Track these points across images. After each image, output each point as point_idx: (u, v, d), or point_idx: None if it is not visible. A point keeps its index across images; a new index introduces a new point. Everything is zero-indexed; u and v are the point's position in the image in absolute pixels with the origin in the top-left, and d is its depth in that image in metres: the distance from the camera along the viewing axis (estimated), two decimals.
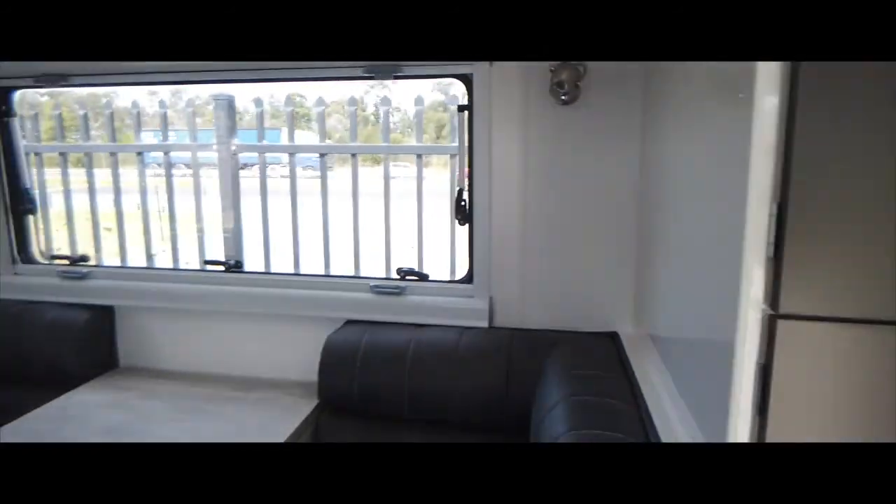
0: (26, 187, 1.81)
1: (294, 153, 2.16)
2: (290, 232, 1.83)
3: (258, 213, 1.96)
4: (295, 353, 1.67)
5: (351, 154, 1.83)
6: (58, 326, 1.65)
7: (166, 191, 1.94)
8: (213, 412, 1.48)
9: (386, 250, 1.77)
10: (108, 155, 1.92)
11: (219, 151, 2.03)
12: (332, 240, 1.83)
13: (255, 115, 1.96)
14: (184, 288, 1.71)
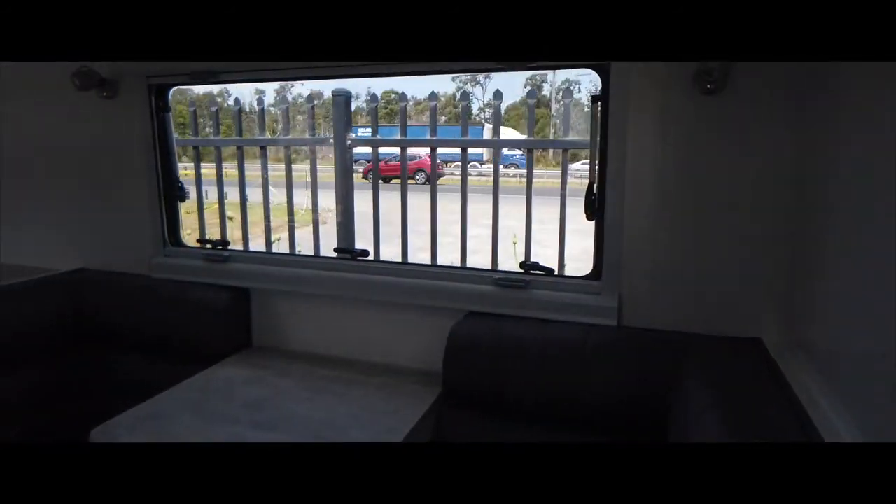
0: (177, 176, 1.97)
1: (405, 147, 2.21)
2: (400, 223, 1.88)
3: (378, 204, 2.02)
4: (416, 341, 1.71)
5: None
6: (202, 306, 1.79)
7: (285, 183, 2.06)
8: (340, 394, 1.54)
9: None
10: (236, 148, 2.07)
11: (335, 145, 2.12)
12: (444, 233, 1.86)
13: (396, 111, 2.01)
14: (313, 274, 1.79)
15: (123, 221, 1.99)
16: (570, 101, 1.84)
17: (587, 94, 1.95)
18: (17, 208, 2.20)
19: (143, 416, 1.41)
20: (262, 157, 2.31)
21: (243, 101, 2.33)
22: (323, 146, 2.23)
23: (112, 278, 1.96)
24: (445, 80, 30.94)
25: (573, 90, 22.94)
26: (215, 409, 1.45)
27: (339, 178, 2.16)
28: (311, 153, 2.35)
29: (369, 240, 1.93)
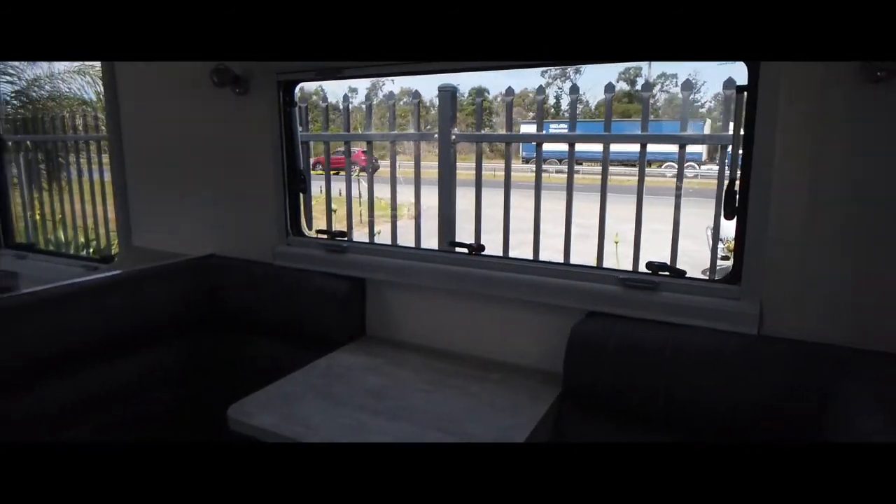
0: (300, 169, 2.05)
1: (510, 142, 2.18)
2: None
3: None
4: (533, 339, 1.67)
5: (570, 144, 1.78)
6: (321, 294, 1.85)
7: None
8: (458, 388, 1.54)
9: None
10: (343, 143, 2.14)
11: (440, 141, 2.13)
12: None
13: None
14: (429, 267, 1.80)
15: (250, 211, 2.10)
16: (688, 93, 1.73)
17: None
18: (151, 196, 2.39)
19: (273, 396, 1.48)
20: (368, 151, 2.38)
21: (331, 99, 2.42)
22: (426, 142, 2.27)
23: (239, 264, 2.08)
24: (531, 74, 30.46)
25: (669, 83, 21.88)
26: (339, 394, 1.49)
27: (443, 174, 2.17)
28: (416, 148, 2.38)
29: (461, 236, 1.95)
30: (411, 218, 2.34)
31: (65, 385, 1.64)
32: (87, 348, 1.67)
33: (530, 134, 1.98)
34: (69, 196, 3.05)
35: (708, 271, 3.55)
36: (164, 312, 1.88)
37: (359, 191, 3.39)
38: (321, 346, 1.84)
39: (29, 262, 2.91)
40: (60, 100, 6.26)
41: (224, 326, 2.04)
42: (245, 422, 1.35)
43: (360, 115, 2.38)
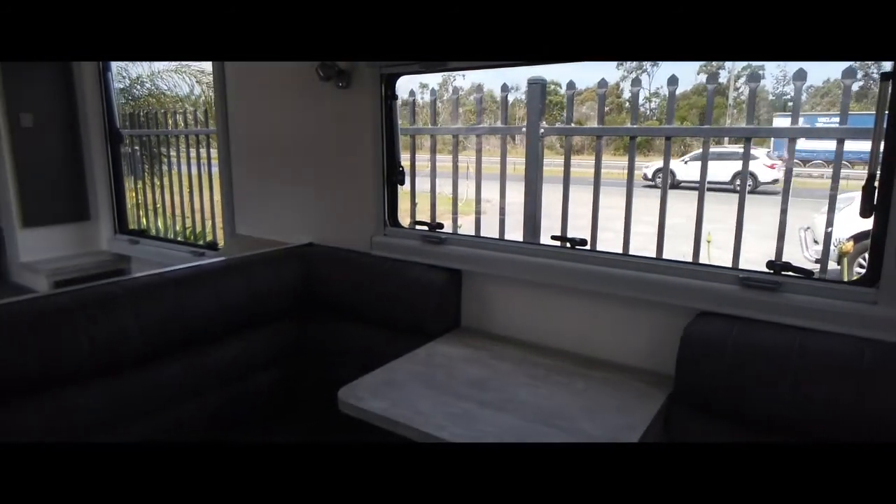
0: (399, 161, 2.08)
1: (602, 136, 2.12)
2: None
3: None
4: (638, 338, 1.62)
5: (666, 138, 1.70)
6: (420, 284, 1.88)
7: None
8: (563, 384, 1.52)
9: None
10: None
11: (527, 134, 2.10)
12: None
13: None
14: (527, 260, 1.78)
15: (349, 201, 2.16)
16: (801, 83, 1.60)
17: (773, 78, 1.72)
18: (254, 187, 2.51)
19: (379, 381, 1.51)
20: (453, 146, 2.38)
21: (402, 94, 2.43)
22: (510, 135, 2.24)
23: (337, 253, 2.14)
24: (608, 67, 29.67)
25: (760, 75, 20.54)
26: (442, 383, 1.50)
27: (530, 168, 2.15)
28: (503, 142, 2.36)
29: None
30: (484, 213, 2.33)
31: (182, 361, 1.74)
32: (205, 326, 1.77)
33: (620, 128, 1.91)
34: (169, 186, 3.24)
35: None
36: (269, 296, 1.96)
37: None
38: (417, 336, 1.87)
39: (141, 247, 3.12)
40: (158, 96, 6.68)
41: (322, 311, 2.11)
42: (355, 405, 1.38)
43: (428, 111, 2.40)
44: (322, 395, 2.06)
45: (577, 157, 2.23)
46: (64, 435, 1.45)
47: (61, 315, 1.46)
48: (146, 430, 1.63)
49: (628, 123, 1.99)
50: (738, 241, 1.66)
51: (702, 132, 1.82)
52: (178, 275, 1.77)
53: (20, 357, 1.36)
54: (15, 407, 1.38)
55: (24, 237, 3.08)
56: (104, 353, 1.52)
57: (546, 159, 2.13)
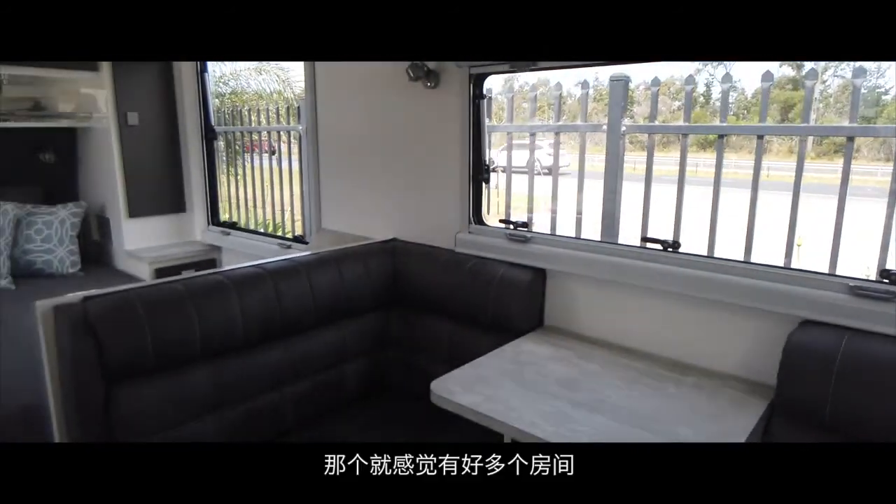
0: (485, 160, 2.11)
1: (688, 134, 2.05)
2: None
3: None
4: (731, 344, 1.58)
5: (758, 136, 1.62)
6: (504, 282, 1.90)
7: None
8: (654, 387, 1.50)
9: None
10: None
11: (608, 131, 2.06)
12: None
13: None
14: (616, 261, 1.77)
15: (434, 198, 2.21)
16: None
17: (849, 69, 1.58)
18: (340, 183, 2.60)
19: (469, 376, 1.55)
20: (531, 143, 2.37)
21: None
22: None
23: (421, 249, 2.19)
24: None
25: (843, 68, 19.12)
26: (532, 380, 1.52)
27: (610, 166, 2.11)
28: (581, 139, 2.33)
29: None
30: (548, 211, 2.31)
31: (280, 348, 1.85)
32: (300, 316, 1.86)
33: (709, 126, 1.87)
34: (252, 181, 3.39)
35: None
36: (358, 289, 2.04)
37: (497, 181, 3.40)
38: (501, 333, 1.89)
39: (231, 238, 3.30)
40: (241, 94, 7.00)
41: (408, 305, 2.17)
42: (448, 398, 1.42)
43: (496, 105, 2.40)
44: (408, 385, 2.13)
45: (638, 154, 2.18)
46: (172, 415, 1.57)
47: (176, 302, 1.58)
48: (244, 414, 1.73)
49: (707, 120, 1.92)
50: (836, 246, 1.58)
51: (801, 130, 1.74)
52: (276, 267, 1.87)
53: (139, 339, 1.48)
54: (132, 386, 1.51)
55: (129, 227, 3.33)
56: (212, 339, 1.63)
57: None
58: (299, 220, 3.08)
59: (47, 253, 3.18)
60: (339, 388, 2.02)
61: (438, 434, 1.81)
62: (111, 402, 1.47)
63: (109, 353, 1.45)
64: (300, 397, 1.90)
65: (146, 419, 1.52)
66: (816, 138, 1.87)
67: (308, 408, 1.92)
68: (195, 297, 1.62)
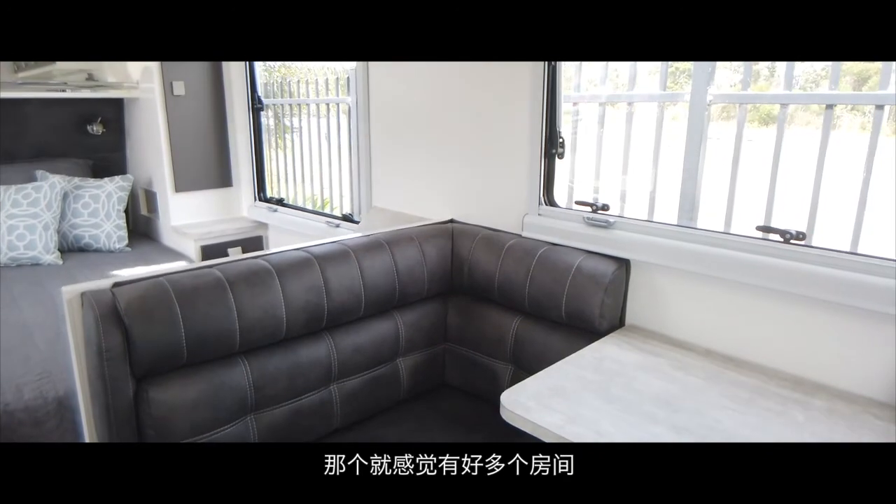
0: (560, 132, 1.84)
1: (786, 104, 1.71)
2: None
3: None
4: (872, 360, 1.28)
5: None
6: (582, 273, 1.64)
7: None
8: (776, 412, 1.23)
9: None
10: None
11: (691, 101, 1.75)
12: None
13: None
14: (722, 253, 1.48)
15: (498, 177, 1.96)
16: None
17: None
18: (393, 159, 2.38)
19: (546, 388, 1.31)
20: (601, 114, 2.07)
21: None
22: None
23: (483, 232, 1.95)
24: None
25: None
26: (622, 396, 1.27)
27: (691, 141, 1.81)
28: (660, 111, 2.03)
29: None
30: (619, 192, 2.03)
31: (327, 341, 1.66)
32: (349, 306, 1.67)
33: (815, 94, 1.54)
34: (300, 155, 3.20)
35: None
36: (413, 276, 1.83)
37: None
38: (577, 332, 1.65)
39: (278, 214, 3.15)
40: (289, 66, 6.87)
41: (468, 294, 1.95)
42: (523, 416, 1.19)
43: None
44: (468, 383, 1.92)
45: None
46: (208, 416, 1.41)
47: (213, 290, 1.41)
48: (287, 414, 1.57)
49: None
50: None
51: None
52: (323, 250, 1.68)
53: (172, 332, 1.32)
54: (164, 385, 1.35)
55: (175, 202, 3.22)
56: (253, 332, 1.46)
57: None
58: (347, 197, 2.89)
59: (95, 227, 3.10)
60: (391, 386, 1.83)
61: (503, 440, 1.60)
62: (141, 403, 1.32)
63: (139, 347, 1.28)
64: (349, 395, 1.72)
65: (179, 421, 1.36)
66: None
67: (357, 407, 1.74)
68: (234, 285, 1.44)
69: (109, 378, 1.28)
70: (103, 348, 1.27)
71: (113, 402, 1.29)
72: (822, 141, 1.52)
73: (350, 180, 2.81)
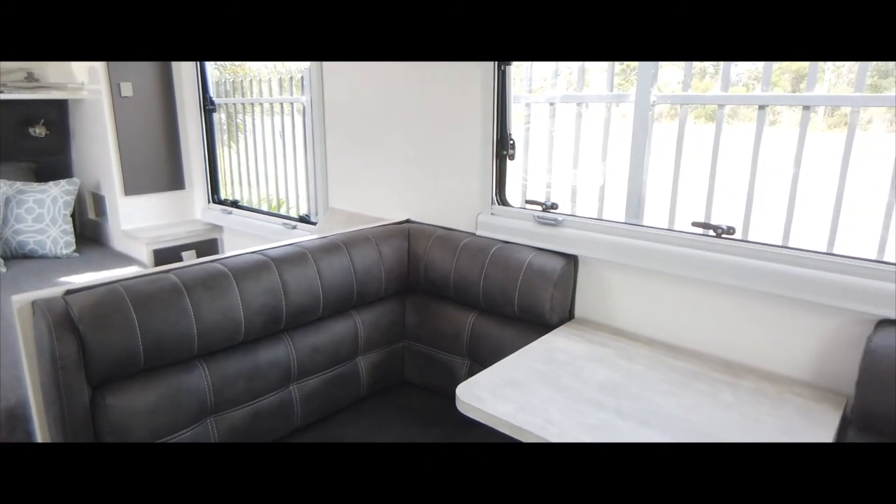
0: (511, 134, 1.91)
1: (724, 105, 1.84)
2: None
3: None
4: (794, 344, 1.40)
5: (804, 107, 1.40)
6: (533, 269, 1.71)
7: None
8: (708, 393, 1.33)
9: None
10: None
11: (636, 102, 1.86)
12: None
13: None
14: (660, 248, 1.58)
15: (452, 177, 2.02)
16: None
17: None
18: (349, 159, 2.40)
19: (499, 380, 1.38)
20: (550, 115, 2.16)
21: None
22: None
23: (438, 231, 2.01)
24: None
25: None
26: (570, 386, 1.35)
27: (637, 141, 1.91)
28: (606, 111, 2.13)
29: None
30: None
31: (286, 342, 1.68)
32: (307, 307, 1.69)
33: (750, 95, 1.66)
34: (254, 156, 3.18)
35: None
36: (371, 276, 1.86)
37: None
38: (529, 326, 1.73)
39: (233, 217, 3.12)
40: (241, 66, 6.74)
41: (425, 293, 2.00)
42: (477, 406, 1.25)
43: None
44: (426, 379, 1.97)
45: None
46: (167, 421, 1.41)
47: (169, 295, 1.41)
48: (247, 416, 1.58)
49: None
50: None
51: (856, 101, 1.52)
52: (280, 253, 1.70)
53: (128, 338, 1.32)
54: (121, 391, 1.35)
55: (125, 205, 3.15)
56: (211, 336, 1.47)
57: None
58: (304, 198, 2.89)
59: (39, 233, 3.01)
60: (351, 384, 1.86)
61: (461, 436, 1.66)
62: (97, 410, 1.31)
63: (94, 355, 1.28)
64: (309, 395, 1.74)
65: (138, 427, 1.36)
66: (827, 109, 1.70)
67: (317, 406, 1.77)
68: (191, 289, 1.44)
69: (64, 386, 1.27)
70: (57, 356, 1.26)
71: (68, 410, 1.28)
72: (756, 139, 1.63)
73: (306, 181, 2.81)
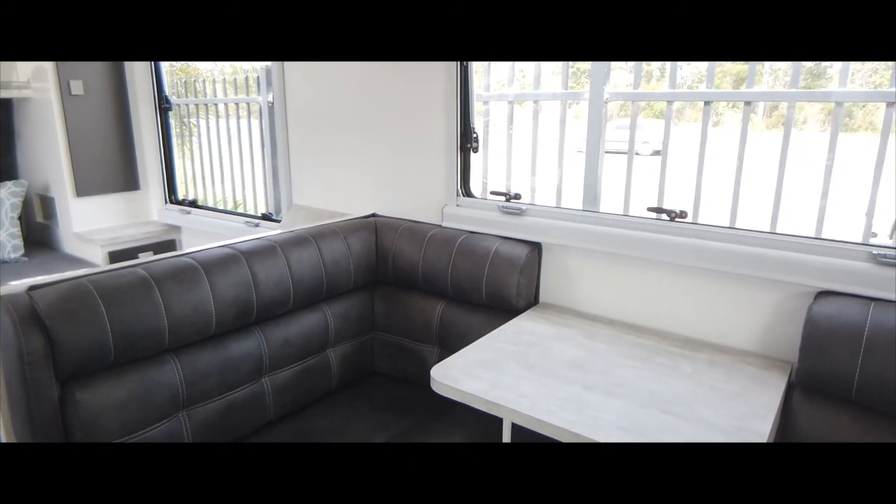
0: (473, 127, 1.96)
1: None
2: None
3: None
4: (742, 317, 1.51)
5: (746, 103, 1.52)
6: (499, 257, 1.77)
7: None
8: (668, 366, 1.41)
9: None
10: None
11: (590, 99, 1.95)
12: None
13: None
14: (618, 233, 1.67)
15: (417, 170, 2.06)
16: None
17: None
18: (312, 155, 2.41)
19: (472, 361, 1.42)
20: (508, 112, 2.24)
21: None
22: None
23: (405, 224, 2.04)
24: None
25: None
26: (539, 363, 1.41)
27: (591, 136, 2.01)
28: (562, 109, 2.22)
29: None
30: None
31: (257, 335, 1.68)
32: (278, 299, 1.70)
33: (695, 92, 1.77)
34: (210, 156, 3.13)
35: None
36: (340, 269, 1.88)
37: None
38: (496, 312, 1.78)
39: (192, 217, 3.07)
40: (193, 66, 6.59)
41: (394, 284, 2.03)
42: (452, 386, 1.30)
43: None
44: (397, 369, 2.00)
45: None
46: (139, 416, 1.40)
47: (137, 289, 1.40)
48: (220, 409, 1.58)
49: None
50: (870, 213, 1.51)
51: (790, 96, 1.64)
52: (249, 246, 1.70)
53: (97, 332, 1.30)
54: (91, 386, 1.33)
55: (77, 207, 3.05)
56: (181, 329, 1.46)
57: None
58: (262, 197, 2.87)
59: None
60: (322, 376, 1.88)
61: (434, 422, 1.70)
62: (67, 405, 1.29)
63: (62, 349, 1.26)
64: (281, 387, 1.75)
65: (109, 422, 1.35)
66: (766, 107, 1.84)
67: (290, 398, 1.77)
68: (160, 283, 1.43)
69: (32, 382, 1.25)
70: (24, 352, 1.23)
71: (36, 406, 1.26)
72: (702, 134, 1.74)
73: (264, 179, 2.80)
